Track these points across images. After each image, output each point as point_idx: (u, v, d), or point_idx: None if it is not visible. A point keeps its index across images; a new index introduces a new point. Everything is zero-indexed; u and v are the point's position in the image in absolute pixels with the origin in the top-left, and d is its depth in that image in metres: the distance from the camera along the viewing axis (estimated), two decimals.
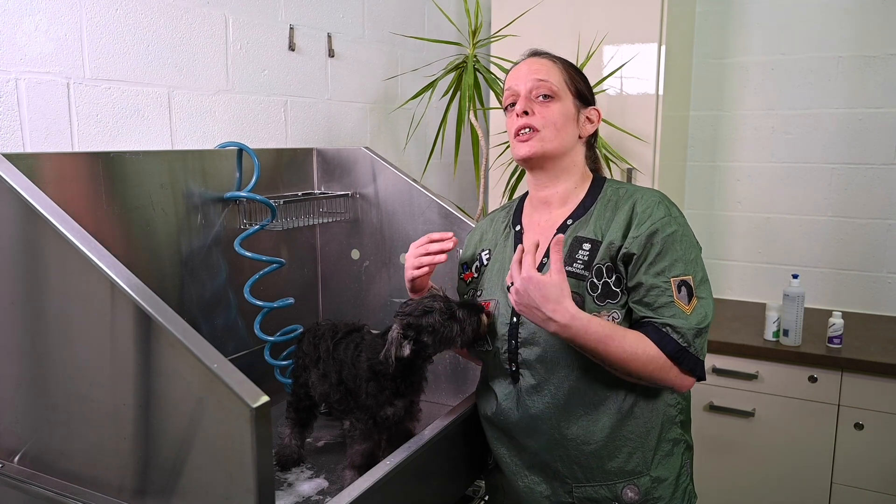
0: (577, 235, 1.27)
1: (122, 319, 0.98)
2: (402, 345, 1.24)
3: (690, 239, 1.24)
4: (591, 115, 1.35)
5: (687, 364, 1.18)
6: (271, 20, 1.86)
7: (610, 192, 1.32)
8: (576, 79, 1.33)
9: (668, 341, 1.17)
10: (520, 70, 1.34)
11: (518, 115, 1.30)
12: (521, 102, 1.30)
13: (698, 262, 1.23)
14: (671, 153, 2.64)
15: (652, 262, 1.20)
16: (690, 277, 1.20)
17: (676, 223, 1.23)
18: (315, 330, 1.51)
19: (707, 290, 1.23)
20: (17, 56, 1.30)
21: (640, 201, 1.25)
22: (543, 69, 1.31)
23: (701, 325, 1.19)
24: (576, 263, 1.24)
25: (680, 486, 1.29)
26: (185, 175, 1.50)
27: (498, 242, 1.40)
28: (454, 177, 2.74)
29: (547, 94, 1.29)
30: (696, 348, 1.19)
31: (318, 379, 1.44)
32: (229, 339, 1.65)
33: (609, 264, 1.22)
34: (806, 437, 2.37)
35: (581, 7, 2.47)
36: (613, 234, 1.24)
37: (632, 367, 1.17)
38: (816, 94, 2.76)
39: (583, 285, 1.22)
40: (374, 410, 1.33)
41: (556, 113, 1.29)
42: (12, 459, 1.16)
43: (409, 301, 1.31)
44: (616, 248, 1.22)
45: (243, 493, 0.90)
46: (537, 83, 1.29)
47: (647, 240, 1.20)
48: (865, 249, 2.75)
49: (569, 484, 1.27)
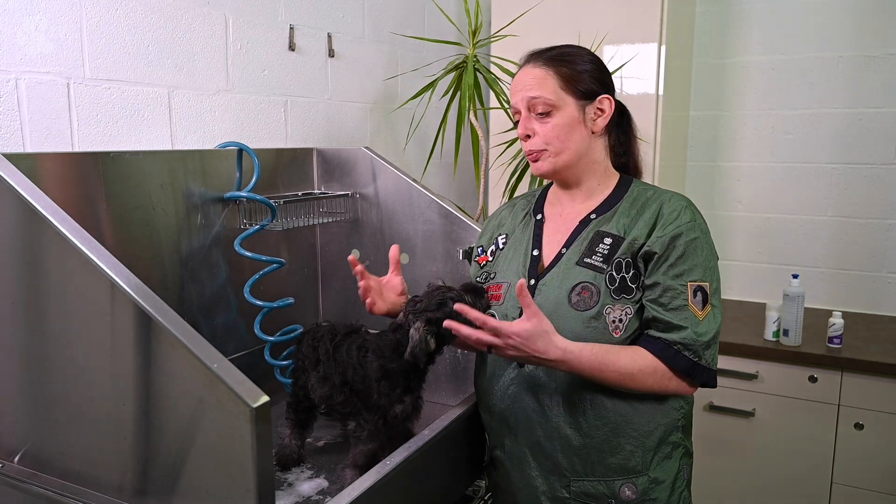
0: (599, 230, 1.29)
1: (122, 319, 0.98)
2: (428, 340, 1.25)
3: (711, 248, 1.25)
4: (602, 105, 1.30)
5: (699, 378, 1.21)
6: (271, 20, 1.86)
7: (637, 192, 1.32)
8: (575, 77, 1.27)
9: (680, 358, 1.19)
10: (517, 82, 1.32)
11: (521, 138, 1.31)
12: (521, 125, 1.30)
13: (715, 272, 1.24)
14: (671, 153, 2.64)
15: (672, 264, 1.21)
16: (707, 284, 1.21)
17: (700, 230, 1.24)
18: (314, 332, 1.50)
19: (719, 299, 1.24)
20: (17, 56, 1.30)
21: (668, 204, 1.26)
22: (535, 83, 1.28)
23: (711, 338, 1.20)
24: (595, 256, 1.25)
25: (676, 491, 1.29)
26: (185, 175, 1.50)
27: (516, 228, 1.41)
28: (454, 177, 2.74)
29: (542, 112, 1.27)
30: (707, 360, 1.21)
31: (319, 381, 1.43)
32: (229, 339, 1.65)
33: (629, 259, 1.23)
34: (806, 437, 2.37)
35: (581, 7, 2.47)
36: (638, 231, 1.25)
37: (633, 384, 1.20)
38: (816, 94, 2.76)
39: (601, 277, 1.23)
40: (385, 409, 1.33)
41: (556, 128, 1.27)
42: (12, 459, 1.16)
43: (417, 297, 1.31)
44: (639, 245, 1.23)
45: (243, 493, 0.90)
46: (531, 100, 1.27)
47: (671, 241, 1.21)
48: (865, 249, 2.75)
49: (567, 478, 1.27)
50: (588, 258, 1.26)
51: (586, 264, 1.25)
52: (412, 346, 1.25)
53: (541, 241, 1.35)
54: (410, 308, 1.30)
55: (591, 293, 1.23)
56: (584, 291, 1.23)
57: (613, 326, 1.21)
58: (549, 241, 1.34)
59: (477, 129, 2.31)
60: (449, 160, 2.65)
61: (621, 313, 1.22)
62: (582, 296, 1.23)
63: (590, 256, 1.26)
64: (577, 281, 1.25)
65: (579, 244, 1.29)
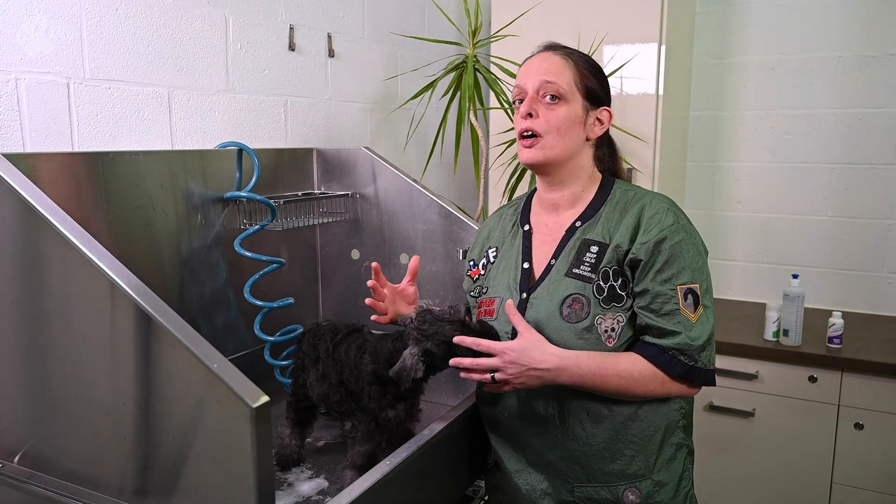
0: (585, 238, 1.27)
1: (122, 319, 0.98)
2: (418, 367, 1.23)
3: (697, 246, 1.24)
4: (602, 117, 1.31)
5: (698, 380, 1.21)
6: (271, 20, 1.86)
7: (619, 195, 1.30)
8: (588, 78, 1.28)
9: (676, 364, 1.19)
10: (531, 65, 1.29)
11: (522, 116, 1.27)
12: (526, 103, 1.27)
13: (704, 270, 1.24)
14: (671, 153, 2.64)
15: (660, 270, 1.20)
16: (697, 285, 1.21)
17: (684, 231, 1.23)
18: (315, 331, 1.51)
19: (710, 298, 1.24)
20: (17, 56, 1.30)
21: (649, 206, 1.25)
22: (554, 68, 1.27)
23: (705, 340, 1.20)
24: (583, 266, 1.25)
25: (681, 491, 1.29)
26: (185, 175, 1.50)
27: (505, 241, 1.40)
28: (454, 177, 2.74)
29: (554, 96, 1.25)
30: (704, 361, 1.20)
31: (317, 380, 1.44)
32: (229, 339, 1.65)
33: (616, 268, 1.22)
34: (806, 437, 2.37)
35: (581, 7, 2.47)
36: (620, 237, 1.23)
37: (636, 388, 1.20)
38: (816, 94, 2.76)
39: (589, 287, 1.22)
40: (375, 413, 1.33)
41: (560, 117, 1.26)
42: (12, 459, 1.16)
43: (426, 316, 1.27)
44: (623, 251, 1.22)
45: (243, 493, 0.90)
46: (545, 84, 1.26)
47: (655, 247, 1.20)
48: (865, 249, 2.75)
49: (570, 483, 1.27)
50: (576, 268, 1.25)
51: (575, 275, 1.24)
52: (400, 367, 1.24)
53: (530, 253, 1.34)
54: (418, 328, 1.25)
55: (581, 304, 1.22)
56: (574, 303, 1.23)
57: (606, 336, 1.21)
58: (538, 253, 1.34)
59: (477, 129, 2.31)
60: (449, 160, 2.65)
61: (613, 322, 1.21)
62: (573, 308, 1.22)
63: (578, 267, 1.25)
64: (567, 293, 1.24)
65: (567, 254, 1.28)
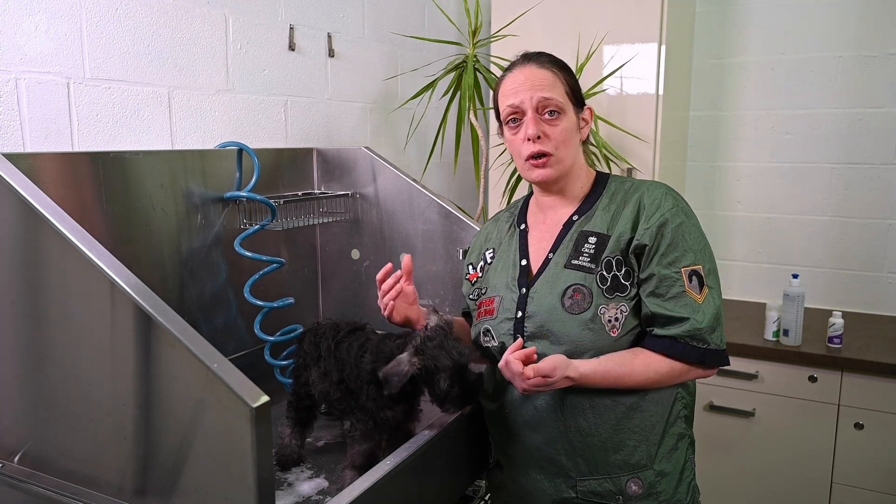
0: (582, 230, 1.28)
1: (122, 319, 0.98)
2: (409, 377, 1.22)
3: (698, 228, 1.26)
4: (586, 116, 1.34)
5: (712, 362, 1.22)
6: (271, 20, 1.86)
7: (615, 188, 1.32)
8: (572, 82, 1.31)
9: (690, 350, 1.20)
10: (518, 81, 1.28)
11: (531, 139, 1.26)
12: (531, 125, 1.25)
13: (706, 251, 1.25)
14: (671, 153, 2.64)
15: (664, 253, 1.21)
16: (700, 267, 1.22)
17: (684, 213, 1.24)
18: (317, 329, 1.51)
19: (715, 278, 1.25)
20: (17, 56, 1.30)
21: (647, 194, 1.27)
22: (546, 82, 1.26)
23: (713, 320, 1.21)
24: (581, 257, 1.25)
25: (684, 481, 1.29)
26: (185, 175, 1.50)
27: (502, 241, 1.41)
28: (454, 177, 2.74)
29: (553, 111, 1.26)
30: (716, 342, 1.21)
31: (319, 377, 1.44)
32: (229, 339, 1.65)
33: (619, 257, 1.23)
34: (806, 437, 2.37)
35: (581, 7, 2.47)
36: (622, 226, 1.25)
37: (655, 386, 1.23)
38: (816, 94, 2.76)
39: (591, 278, 1.23)
40: (374, 412, 1.33)
41: (565, 131, 1.27)
42: (12, 459, 1.16)
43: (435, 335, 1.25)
44: (627, 239, 1.23)
45: (243, 493, 0.90)
46: (543, 100, 1.25)
47: (658, 230, 1.22)
48: (865, 249, 2.75)
49: (572, 479, 1.27)
50: (575, 260, 1.26)
51: (574, 266, 1.25)
52: (392, 370, 1.22)
53: (527, 250, 1.35)
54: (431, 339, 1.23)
55: (583, 295, 1.22)
56: (576, 294, 1.23)
57: (610, 326, 1.21)
58: (535, 249, 1.34)
59: (477, 129, 2.31)
60: (449, 160, 2.65)
61: (616, 312, 1.22)
62: (575, 298, 1.23)
63: (577, 258, 1.26)
64: (567, 284, 1.24)
65: (565, 247, 1.29)
